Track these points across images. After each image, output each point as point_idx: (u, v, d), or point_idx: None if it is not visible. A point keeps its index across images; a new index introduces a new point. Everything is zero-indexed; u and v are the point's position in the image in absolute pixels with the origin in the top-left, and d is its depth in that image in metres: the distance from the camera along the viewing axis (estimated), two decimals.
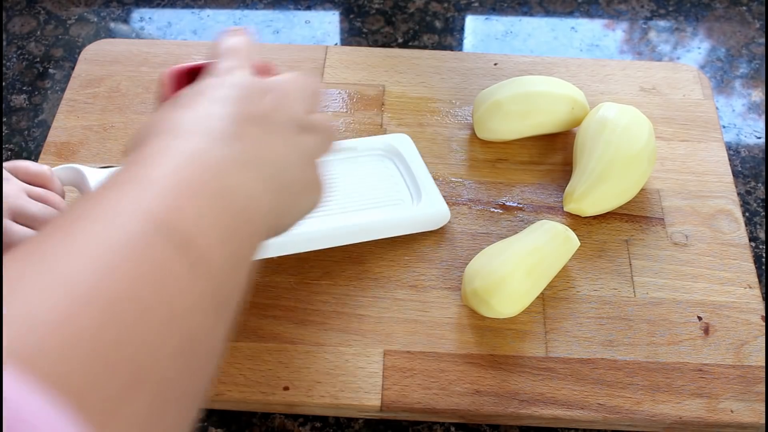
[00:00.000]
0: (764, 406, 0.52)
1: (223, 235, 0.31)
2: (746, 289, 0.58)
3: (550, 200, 0.63)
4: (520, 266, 0.53)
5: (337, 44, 0.78)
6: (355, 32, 0.80)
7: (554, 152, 0.66)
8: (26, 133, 0.70)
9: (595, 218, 0.61)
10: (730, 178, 0.64)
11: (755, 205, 0.66)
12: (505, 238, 0.58)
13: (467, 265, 0.56)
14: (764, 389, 0.53)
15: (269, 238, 0.38)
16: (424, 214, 0.59)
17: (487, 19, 0.82)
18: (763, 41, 0.79)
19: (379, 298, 0.57)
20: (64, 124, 0.67)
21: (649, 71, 0.72)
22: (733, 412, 0.52)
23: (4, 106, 0.72)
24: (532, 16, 0.82)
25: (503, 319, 0.55)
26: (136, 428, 0.24)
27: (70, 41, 0.78)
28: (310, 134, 0.40)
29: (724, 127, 0.72)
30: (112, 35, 0.79)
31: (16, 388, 0.20)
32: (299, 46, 0.75)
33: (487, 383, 0.53)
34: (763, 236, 0.64)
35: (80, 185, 0.55)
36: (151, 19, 0.81)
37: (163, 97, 0.42)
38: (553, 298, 0.57)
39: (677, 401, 0.52)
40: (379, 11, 0.81)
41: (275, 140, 0.37)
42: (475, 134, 0.66)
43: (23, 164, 0.46)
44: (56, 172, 0.53)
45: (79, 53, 0.73)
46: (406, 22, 0.80)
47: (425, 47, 0.78)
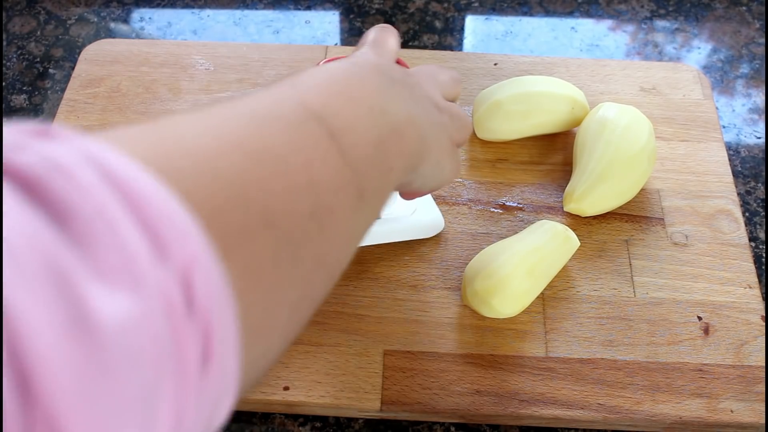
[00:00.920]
0: (764, 406, 0.52)
1: (372, 139, 0.33)
2: (746, 289, 0.58)
3: (550, 200, 0.63)
4: (520, 266, 0.53)
5: (337, 44, 0.78)
6: (355, 32, 0.80)
7: (554, 152, 0.66)
8: None
9: (595, 218, 0.61)
10: (730, 178, 0.64)
11: (755, 205, 0.66)
12: (505, 238, 0.58)
13: (467, 265, 0.56)
14: (764, 389, 0.53)
15: (412, 180, 0.40)
16: (418, 221, 0.59)
17: (487, 19, 0.82)
18: (763, 41, 0.79)
19: (379, 298, 0.57)
20: (64, 124, 0.67)
21: (649, 71, 0.72)
22: (733, 412, 0.52)
23: (4, 106, 0.72)
24: (532, 16, 0.82)
25: (503, 319, 0.55)
26: (257, 266, 0.24)
27: (70, 41, 0.78)
28: (445, 115, 0.43)
29: (724, 127, 0.72)
30: (112, 35, 0.79)
31: (158, 193, 0.21)
32: (299, 46, 0.75)
33: (487, 383, 0.53)
34: (763, 236, 0.64)
35: None
36: (151, 19, 0.81)
37: None
38: (553, 298, 0.57)
39: (677, 401, 0.52)
40: (379, 11, 0.81)
41: (422, 104, 0.40)
42: (475, 134, 0.66)
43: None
44: None
45: (79, 53, 0.73)
46: (406, 22, 0.80)
47: (425, 47, 0.78)
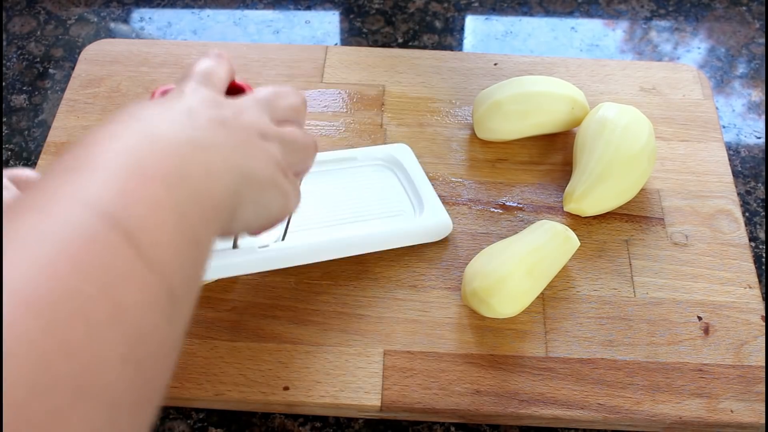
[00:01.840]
0: (764, 406, 0.52)
1: (173, 223, 0.29)
2: (746, 289, 0.58)
3: (550, 200, 0.63)
4: (520, 266, 0.53)
5: (337, 44, 0.78)
6: (355, 32, 0.80)
7: (554, 152, 0.66)
8: (26, 133, 0.70)
9: (595, 218, 0.61)
10: (730, 178, 0.64)
11: (755, 205, 0.66)
12: (505, 238, 0.58)
13: (467, 265, 0.56)
14: (764, 389, 0.53)
15: (231, 230, 0.37)
16: (426, 225, 0.59)
17: (487, 19, 0.82)
18: (763, 41, 0.79)
19: (379, 298, 0.57)
20: (64, 124, 0.67)
21: (649, 71, 0.72)
22: (733, 412, 0.52)
23: (4, 106, 0.72)
24: (532, 16, 0.82)
25: (503, 319, 0.55)
26: None
27: (70, 41, 0.78)
28: (273, 143, 0.39)
29: (724, 127, 0.72)
30: (112, 35, 0.79)
31: None
32: (299, 46, 0.75)
33: (487, 383, 0.53)
34: (763, 236, 0.64)
35: None
36: (151, 19, 0.81)
37: None
38: (553, 298, 0.57)
39: (677, 401, 0.52)
40: (379, 11, 0.81)
41: (237, 137, 0.37)
42: (475, 134, 0.66)
43: (24, 173, 0.46)
44: None
45: (79, 53, 0.73)
46: (406, 22, 0.80)
47: (425, 47, 0.78)
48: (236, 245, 0.52)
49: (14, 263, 0.23)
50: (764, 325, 0.56)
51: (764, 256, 0.63)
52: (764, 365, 0.54)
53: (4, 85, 0.74)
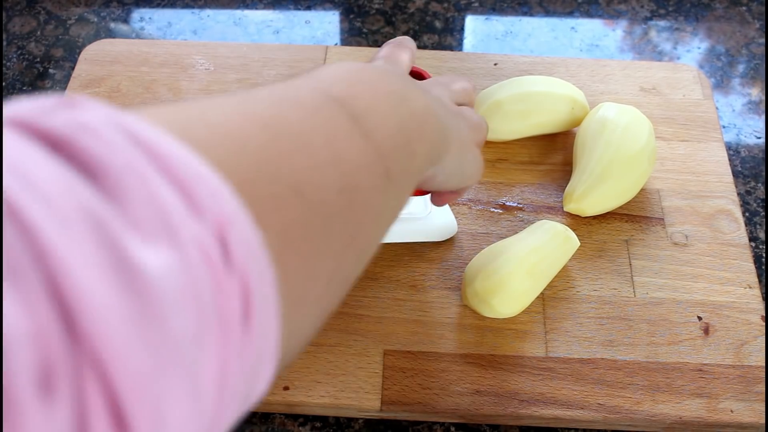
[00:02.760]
0: (764, 406, 0.52)
1: (394, 122, 0.32)
2: (746, 289, 0.58)
3: (550, 200, 0.63)
4: (520, 266, 0.53)
5: (337, 44, 0.78)
6: (355, 32, 0.80)
7: (554, 152, 0.66)
8: None
9: (595, 218, 0.61)
10: (730, 178, 0.64)
11: (755, 205, 0.66)
12: (505, 238, 0.58)
13: (467, 265, 0.56)
14: (764, 389, 0.53)
15: (435, 178, 0.40)
16: (432, 224, 0.59)
17: (487, 19, 0.82)
18: (762, 41, 0.79)
19: (379, 298, 0.57)
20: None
21: (649, 71, 0.72)
22: (733, 412, 0.52)
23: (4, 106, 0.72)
24: (532, 16, 0.82)
25: (503, 319, 0.55)
26: (291, 233, 0.24)
27: (70, 41, 0.78)
28: (459, 117, 0.43)
29: (724, 127, 0.72)
30: (112, 35, 0.79)
31: (187, 156, 0.20)
32: (299, 46, 0.75)
33: (487, 383, 0.53)
34: (763, 236, 0.64)
35: None
36: (151, 19, 0.81)
37: None
38: (553, 298, 0.57)
39: (677, 401, 0.52)
40: (379, 11, 0.81)
41: (433, 100, 0.40)
42: None
43: None
44: None
45: (79, 53, 0.73)
46: (406, 22, 0.80)
47: (425, 47, 0.78)
48: None
49: (251, 104, 0.27)
50: (764, 325, 0.56)
51: (764, 256, 0.63)
52: (764, 365, 0.54)
53: (4, 85, 0.74)
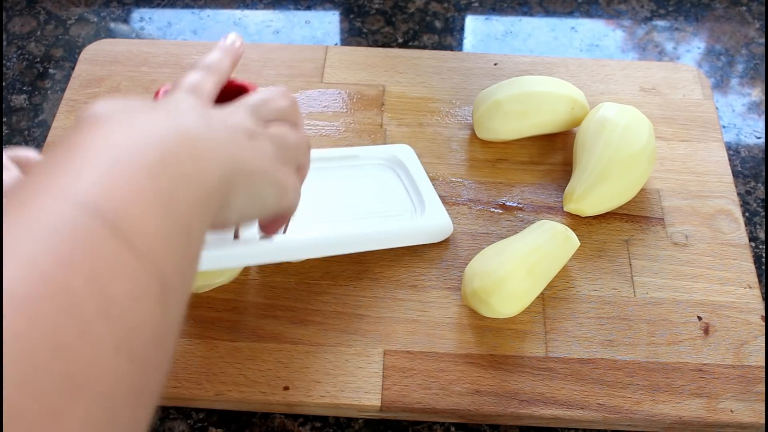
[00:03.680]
0: (764, 406, 0.52)
1: (160, 209, 0.29)
2: (746, 289, 0.58)
3: (550, 200, 0.63)
4: (520, 266, 0.53)
5: (337, 44, 0.78)
6: (355, 32, 0.80)
7: (554, 152, 0.66)
8: (26, 133, 0.70)
9: (595, 218, 0.61)
10: (730, 178, 0.64)
11: (755, 205, 0.66)
12: (505, 238, 0.58)
13: (467, 265, 0.56)
14: (764, 389, 0.53)
15: (226, 219, 0.37)
16: (427, 226, 0.59)
17: (487, 19, 0.82)
18: (762, 41, 0.79)
19: (379, 298, 0.57)
20: (64, 124, 0.67)
21: (649, 71, 0.72)
22: (733, 412, 0.52)
23: (4, 106, 0.72)
24: (532, 16, 0.82)
25: (503, 319, 0.55)
26: None
27: (70, 41, 0.78)
28: (263, 141, 0.40)
29: (724, 127, 0.72)
30: (112, 35, 0.79)
31: None
32: (299, 46, 0.75)
33: (487, 383, 0.53)
34: (763, 236, 0.64)
35: None
36: (151, 19, 0.81)
37: None
38: (553, 298, 0.57)
39: (677, 401, 0.52)
40: (379, 11, 0.81)
41: (225, 134, 0.37)
42: (475, 134, 0.66)
43: (25, 153, 0.46)
44: None
45: (79, 53, 0.73)
46: (406, 22, 0.80)
47: (425, 47, 0.78)
48: (237, 236, 0.52)
49: (6, 267, 0.23)
50: (764, 325, 0.56)
51: (764, 256, 0.63)
52: (764, 365, 0.54)
53: (4, 85, 0.74)
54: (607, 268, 0.59)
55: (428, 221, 0.59)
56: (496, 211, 0.62)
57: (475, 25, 0.81)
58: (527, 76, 0.67)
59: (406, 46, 0.78)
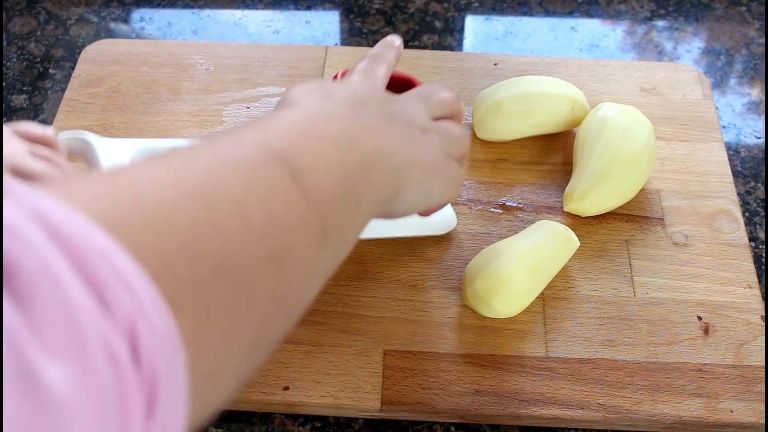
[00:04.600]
0: (764, 406, 0.52)
1: (337, 175, 0.33)
2: (746, 289, 0.58)
3: (550, 200, 0.63)
4: (520, 266, 0.53)
5: (337, 44, 0.78)
6: (355, 32, 0.80)
7: (554, 152, 0.66)
8: None
9: (595, 218, 0.61)
10: (730, 178, 0.64)
11: (755, 205, 0.66)
12: (505, 238, 0.58)
13: (467, 265, 0.56)
14: (764, 389, 0.53)
15: (395, 210, 0.41)
16: (431, 218, 0.59)
17: (487, 19, 0.82)
18: (762, 41, 0.79)
19: (379, 298, 0.57)
20: (64, 124, 0.67)
21: (649, 71, 0.72)
22: (733, 412, 0.52)
23: (4, 106, 0.72)
24: (532, 16, 0.82)
25: (503, 319, 0.55)
26: (209, 313, 0.24)
27: (70, 41, 0.78)
28: (433, 134, 0.44)
29: (723, 127, 0.72)
30: (112, 35, 0.79)
31: (105, 247, 0.21)
32: (299, 46, 0.75)
33: (487, 383, 0.53)
34: (763, 236, 0.64)
35: (86, 154, 0.53)
36: (151, 19, 0.81)
37: None
38: (553, 298, 0.57)
39: (677, 401, 0.52)
40: (379, 11, 0.81)
41: (401, 129, 0.41)
42: (475, 134, 0.66)
43: (26, 125, 0.46)
44: (61, 140, 0.52)
45: (79, 53, 0.73)
46: (406, 22, 0.80)
47: (425, 47, 0.78)
48: None
49: (186, 169, 0.27)
50: (764, 325, 0.56)
51: (764, 256, 0.63)
52: (764, 365, 0.54)
53: (4, 85, 0.74)
54: (607, 268, 0.59)
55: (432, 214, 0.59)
56: (496, 211, 0.62)
57: (475, 25, 0.81)
58: (527, 76, 0.67)
59: (406, 46, 0.78)
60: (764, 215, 0.65)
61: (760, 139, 0.71)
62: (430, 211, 0.48)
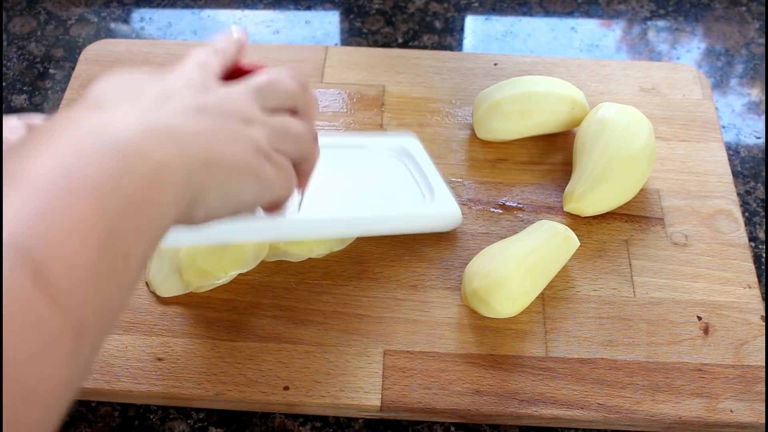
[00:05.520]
0: (764, 406, 0.52)
1: (102, 233, 0.28)
2: (746, 289, 0.58)
3: (550, 200, 0.63)
4: (519, 266, 0.53)
5: (337, 44, 0.78)
6: (355, 32, 0.80)
7: (554, 152, 0.66)
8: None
9: (595, 218, 0.61)
10: (729, 178, 0.64)
11: (755, 205, 0.66)
12: (505, 238, 0.58)
13: (467, 265, 0.56)
14: (764, 389, 0.53)
15: (193, 219, 0.36)
16: (438, 212, 0.59)
17: (487, 19, 0.82)
18: (762, 41, 0.79)
19: (379, 298, 0.57)
20: None
21: (648, 71, 0.72)
22: (732, 412, 0.52)
23: (4, 106, 0.72)
24: (532, 16, 0.82)
25: (503, 319, 0.55)
26: None
27: (70, 41, 0.78)
28: (258, 128, 0.39)
29: (723, 127, 0.72)
30: (112, 35, 0.79)
31: None
32: (299, 46, 0.75)
33: (487, 383, 0.53)
34: (762, 236, 0.64)
35: None
36: (151, 19, 0.81)
37: None
38: (553, 298, 0.57)
39: (677, 401, 0.52)
40: (379, 11, 0.81)
41: (211, 122, 0.36)
42: (475, 134, 0.66)
43: (37, 119, 0.46)
44: None
45: (79, 53, 0.73)
46: (406, 22, 0.80)
47: (425, 47, 0.78)
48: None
49: None
50: (764, 325, 0.56)
51: (764, 256, 0.63)
52: (764, 365, 0.54)
53: (4, 85, 0.74)
54: (607, 268, 0.59)
55: (438, 208, 0.59)
56: (496, 211, 0.62)
57: (475, 25, 0.81)
58: (527, 76, 0.67)
59: (406, 46, 0.78)
60: (764, 215, 0.65)
61: (759, 139, 0.71)
62: (272, 207, 0.43)
